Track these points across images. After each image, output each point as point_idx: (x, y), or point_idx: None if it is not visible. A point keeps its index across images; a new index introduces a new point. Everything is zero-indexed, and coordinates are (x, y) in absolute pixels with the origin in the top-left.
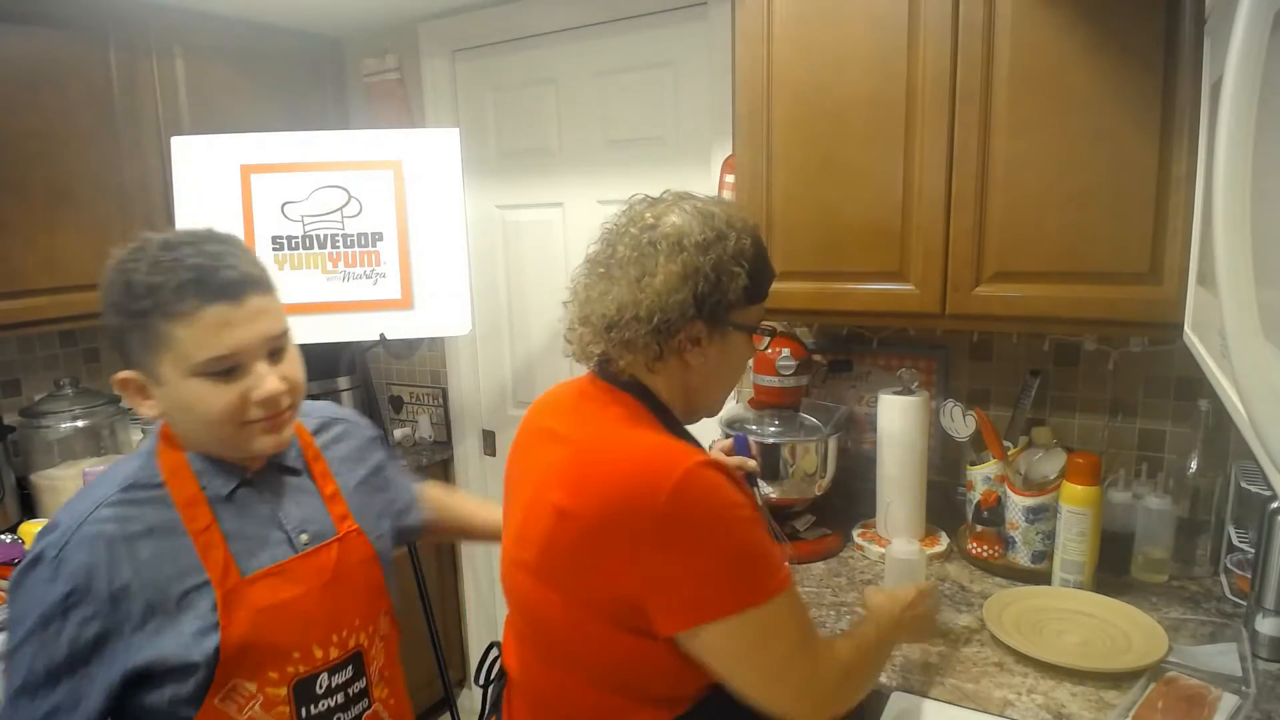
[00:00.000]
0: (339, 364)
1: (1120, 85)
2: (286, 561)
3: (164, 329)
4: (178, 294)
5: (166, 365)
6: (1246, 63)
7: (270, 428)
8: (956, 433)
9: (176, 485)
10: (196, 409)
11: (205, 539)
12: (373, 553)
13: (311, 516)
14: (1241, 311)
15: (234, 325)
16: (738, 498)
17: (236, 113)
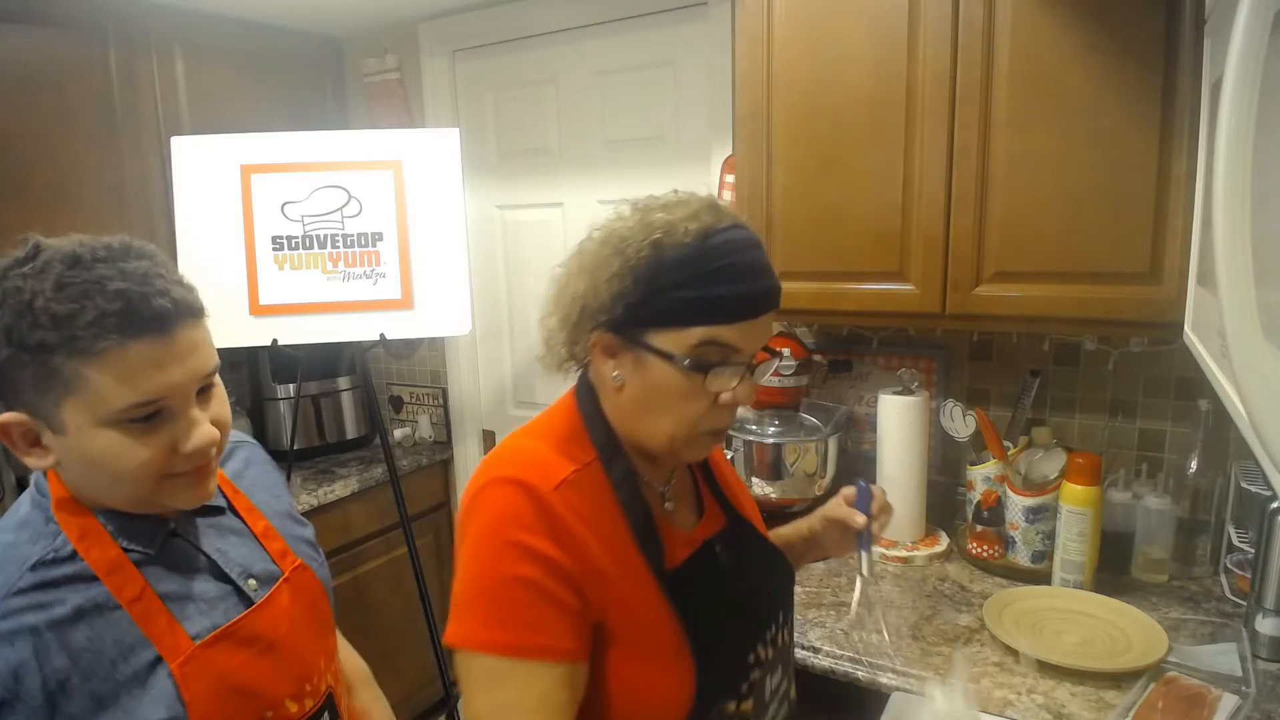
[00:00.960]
0: (339, 364)
1: (1120, 85)
2: (242, 617)
3: (71, 369)
4: (95, 328)
5: (71, 410)
6: (1246, 63)
7: (196, 480)
8: (956, 433)
9: (93, 551)
10: (109, 463)
11: (143, 608)
12: (320, 586)
13: (252, 558)
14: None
15: (162, 364)
16: (516, 533)
17: (236, 113)
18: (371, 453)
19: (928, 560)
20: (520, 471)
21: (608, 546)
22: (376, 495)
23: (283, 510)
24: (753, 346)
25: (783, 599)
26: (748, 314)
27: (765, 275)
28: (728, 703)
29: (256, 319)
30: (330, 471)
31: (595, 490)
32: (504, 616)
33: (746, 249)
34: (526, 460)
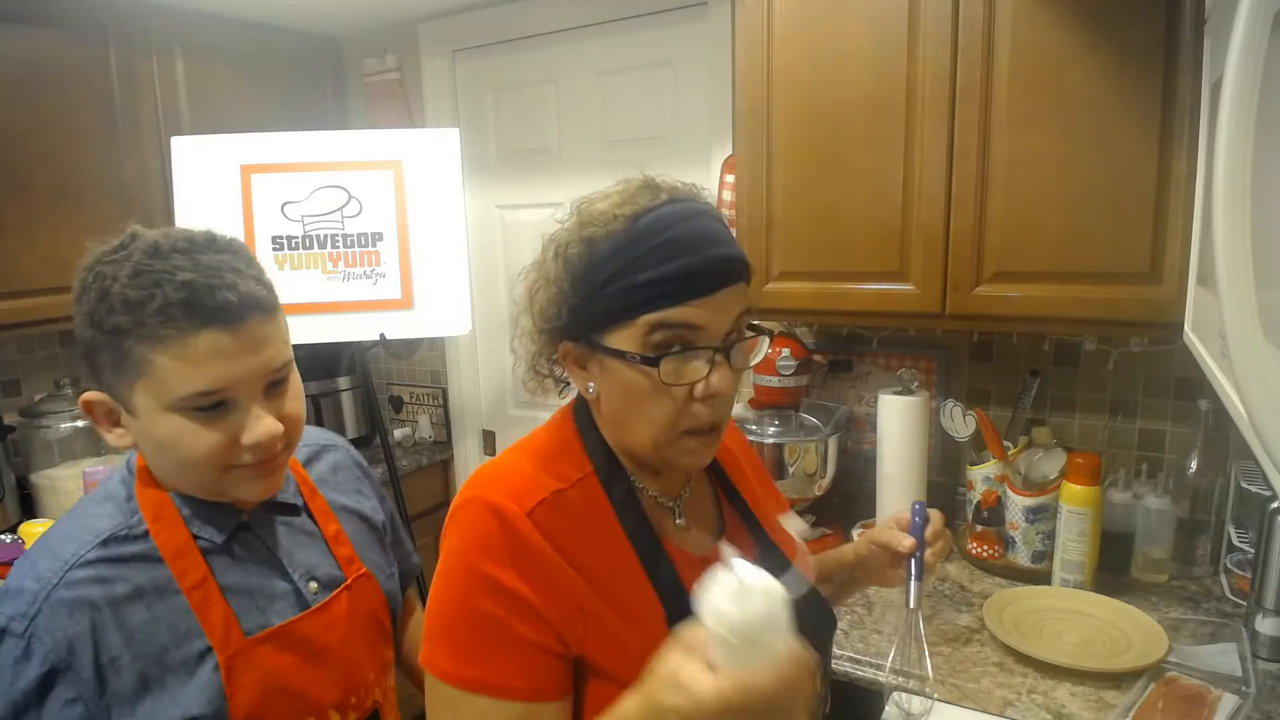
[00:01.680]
0: (339, 364)
1: (1120, 85)
2: (296, 619)
3: (141, 353)
4: (161, 315)
5: (141, 394)
6: (1246, 63)
7: (260, 473)
8: (956, 433)
9: (163, 534)
10: (173, 449)
11: (201, 596)
12: (383, 597)
13: (317, 561)
14: (1241, 311)
15: (228, 355)
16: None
17: (236, 113)
18: (371, 453)
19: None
20: (496, 493)
21: (600, 571)
22: None
23: (360, 516)
24: (716, 326)
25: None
26: (696, 290)
27: (712, 244)
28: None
29: None
30: None
31: (587, 510)
32: (461, 649)
33: (685, 220)
34: (506, 479)
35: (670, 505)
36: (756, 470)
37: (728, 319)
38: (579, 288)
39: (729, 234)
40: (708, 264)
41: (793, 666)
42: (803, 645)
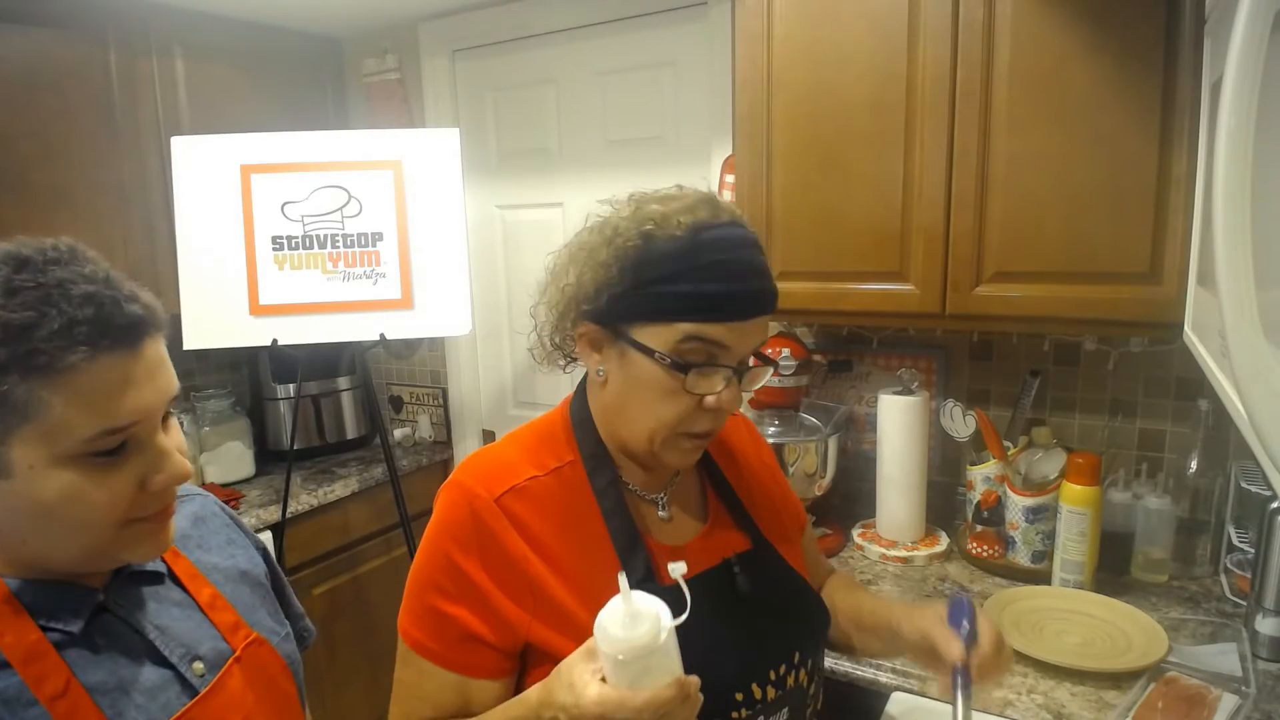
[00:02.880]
0: (339, 364)
1: (1120, 85)
2: (185, 711)
3: (25, 393)
4: (61, 340)
5: (22, 447)
6: (1246, 63)
7: (160, 524)
8: (956, 433)
9: (7, 634)
10: (65, 509)
11: (67, 707)
12: (282, 662)
13: (197, 636)
14: (1241, 311)
15: (132, 384)
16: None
17: (236, 113)
18: (371, 453)
19: (928, 560)
20: (472, 477)
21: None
22: (376, 495)
23: (239, 571)
24: (741, 349)
25: (802, 639)
26: (736, 314)
27: (758, 277)
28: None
29: (256, 319)
30: (330, 471)
31: (564, 497)
32: (417, 615)
33: (740, 247)
34: (486, 464)
35: (654, 499)
36: (771, 472)
37: (750, 346)
38: (626, 277)
39: (768, 268)
40: (751, 295)
41: (669, 695)
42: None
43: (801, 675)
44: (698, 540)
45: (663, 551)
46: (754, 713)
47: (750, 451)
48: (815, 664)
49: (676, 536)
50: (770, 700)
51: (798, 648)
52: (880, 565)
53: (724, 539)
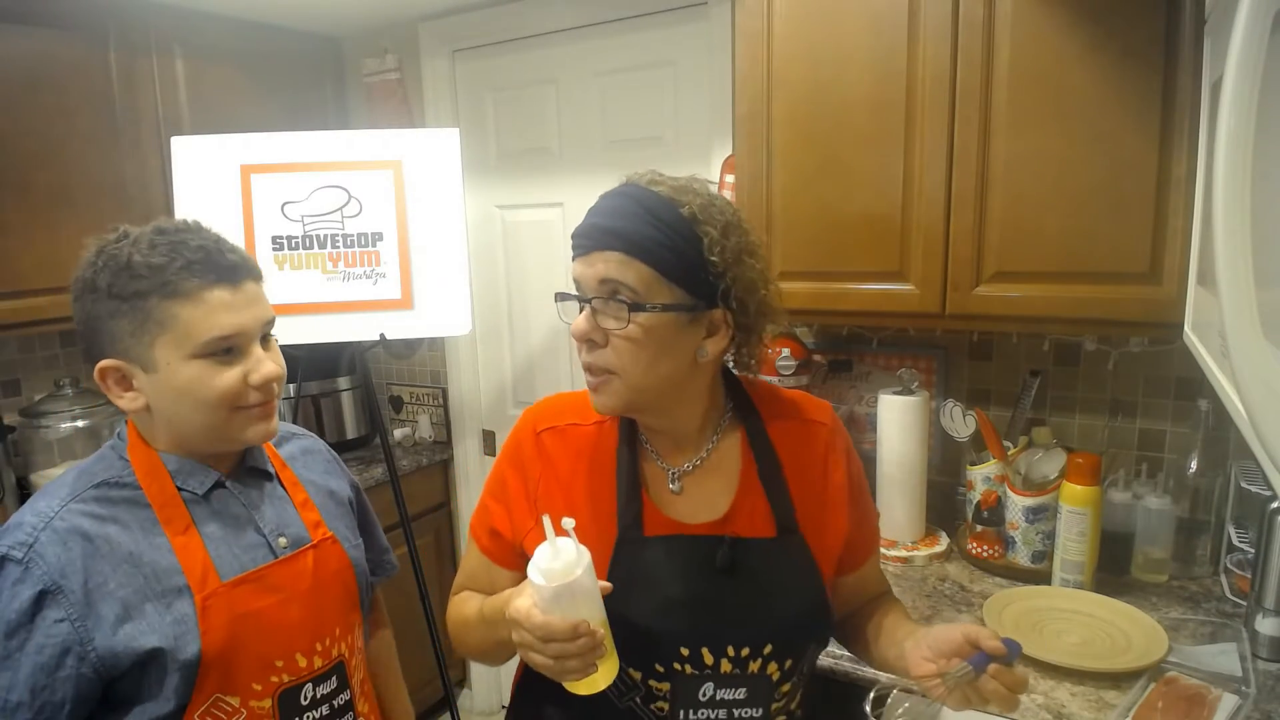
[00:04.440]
0: (339, 364)
1: (1120, 85)
2: (266, 566)
3: (164, 309)
4: (183, 273)
5: (163, 348)
6: (1246, 63)
7: (263, 414)
8: (956, 433)
9: (152, 484)
10: (195, 392)
11: (183, 540)
12: (348, 560)
13: (287, 520)
14: (1241, 311)
15: (234, 308)
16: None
17: (236, 113)
18: (371, 453)
19: (928, 560)
20: (533, 411)
21: (580, 491)
22: (376, 495)
23: (328, 492)
24: (585, 283)
25: (778, 635)
26: (576, 249)
27: (596, 215)
28: (630, 669)
29: None
30: None
31: (592, 445)
32: (477, 506)
33: (603, 198)
34: (547, 405)
35: (669, 470)
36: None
37: (590, 277)
38: None
39: (628, 209)
40: (584, 229)
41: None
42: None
43: (771, 667)
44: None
45: (654, 515)
46: (701, 674)
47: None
48: (794, 666)
49: (677, 512)
50: (725, 672)
51: (770, 640)
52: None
53: (744, 522)
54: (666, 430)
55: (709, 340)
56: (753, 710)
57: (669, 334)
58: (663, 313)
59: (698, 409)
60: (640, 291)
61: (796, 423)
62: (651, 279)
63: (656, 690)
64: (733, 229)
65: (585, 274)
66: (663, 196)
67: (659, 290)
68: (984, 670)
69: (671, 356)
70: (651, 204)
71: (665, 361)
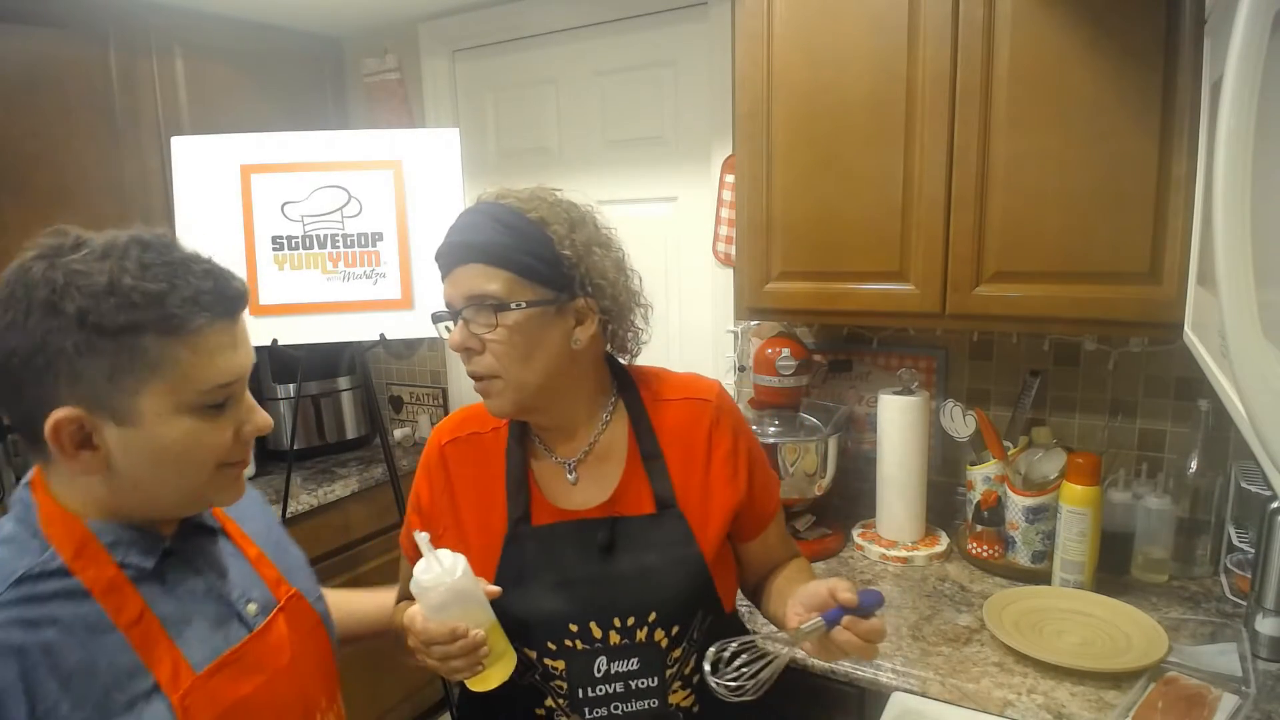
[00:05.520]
0: (339, 364)
1: (1120, 85)
2: (242, 644)
3: (162, 348)
4: (189, 306)
5: (152, 396)
6: (1246, 63)
7: (240, 473)
8: (956, 433)
9: (89, 568)
10: (187, 452)
11: (141, 632)
12: (318, 618)
13: (249, 583)
14: (1241, 311)
15: (235, 348)
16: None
17: (236, 113)
18: (371, 453)
19: (928, 560)
20: (443, 423)
21: (477, 495)
22: (376, 495)
23: (275, 539)
24: (453, 295)
25: (663, 603)
26: (441, 268)
27: (453, 233)
28: (524, 648)
29: (256, 319)
30: (330, 471)
31: (485, 452)
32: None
33: (458, 216)
34: (455, 418)
35: (563, 464)
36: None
37: (458, 291)
38: None
39: (481, 223)
40: (445, 248)
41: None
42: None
43: (658, 634)
44: (601, 500)
45: (544, 507)
46: (592, 648)
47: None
48: (681, 633)
49: (571, 500)
50: (615, 645)
51: (655, 609)
52: (880, 565)
53: (629, 501)
54: (557, 425)
55: (579, 328)
56: (648, 680)
57: (537, 328)
58: (527, 309)
59: (582, 397)
60: (503, 295)
61: (679, 402)
62: (512, 282)
63: (553, 669)
64: (579, 225)
65: (452, 291)
66: (510, 207)
67: (520, 290)
68: (837, 623)
69: (545, 348)
70: (501, 215)
71: (540, 354)
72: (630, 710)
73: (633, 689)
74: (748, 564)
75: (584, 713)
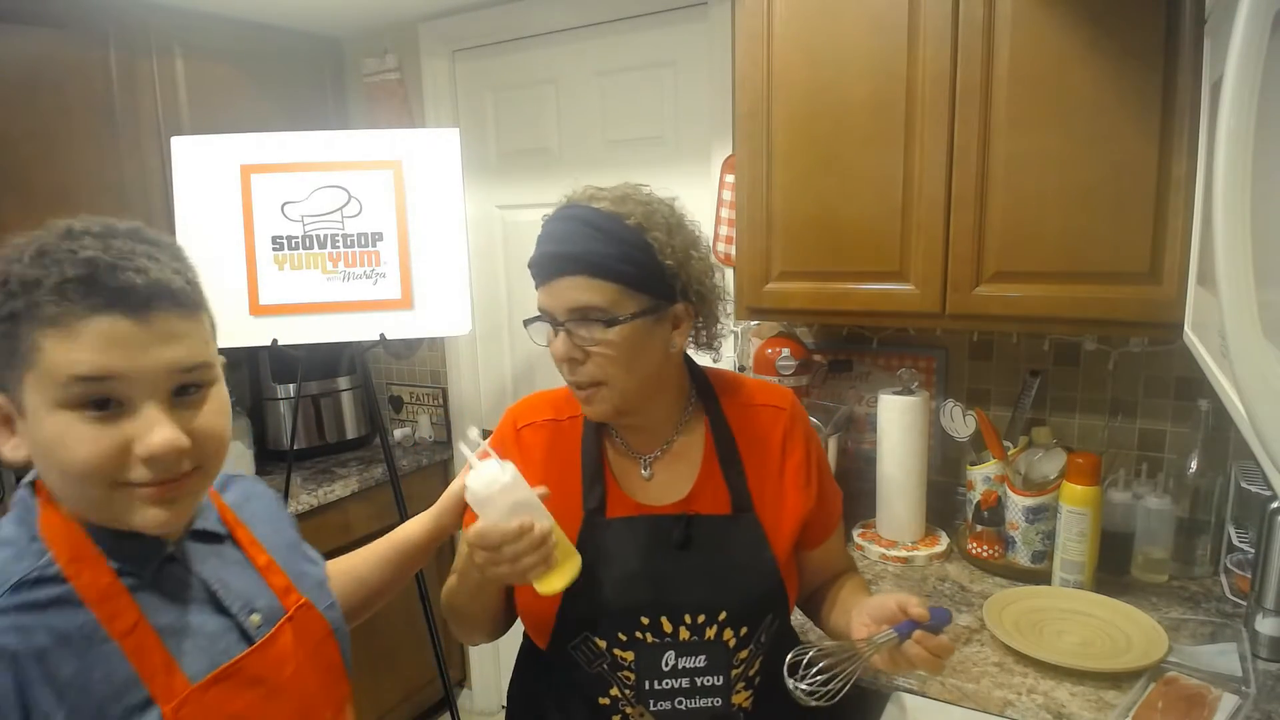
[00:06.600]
0: (339, 364)
1: (1120, 85)
2: (242, 656)
3: (30, 338)
4: (55, 294)
5: (30, 389)
6: (1246, 63)
7: (158, 497)
8: (956, 433)
9: (83, 574)
10: (55, 454)
11: (136, 642)
12: (329, 628)
13: (254, 591)
14: (1241, 311)
15: (125, 344)
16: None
17: (236, 113)
18: (371, 453)
19: (928, 560)
20: (515, 409)
21: (552, 481)
22: (376, 495)
23: (287, 544)
24: (555, 306)
25: (734, 603)
26: (539, 277)
27: (551, 242)
28: (595, 637)
29: (256, 319)
30: (330, 471)
31: (562, 439)
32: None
33: (551, 223)
34: (529, 403)
35: (640, 459)
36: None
37: (560, 302)
38: None
39: (581, 233)
40: (543, 258)
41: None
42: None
43: (726, 634)
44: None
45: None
46: (662, 642)
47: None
48: (750, 634)
49: (647, 495)
50: (683, 640)
51: (724, 608)
52: (880, 565)
53: (704, 501)
54: (642, 425)
55: (675, 332)
56: (713, 679)
57: (641, 337)
58: (632, 320)
59: (668, 397)
60: (608, 308)
61: (755, 408)
62: (616, 293)
63: (622, 659)
64: (676, 229)
65: (553, 301)
66: (607, 213)
67: (624, 302)
68: (908, 636)
69: (646, 355)
70: (599, 222)
71: (641, 361)
72: (693, 707)
73: (698, 686)
74: (807, 571)
75: (648, 704)
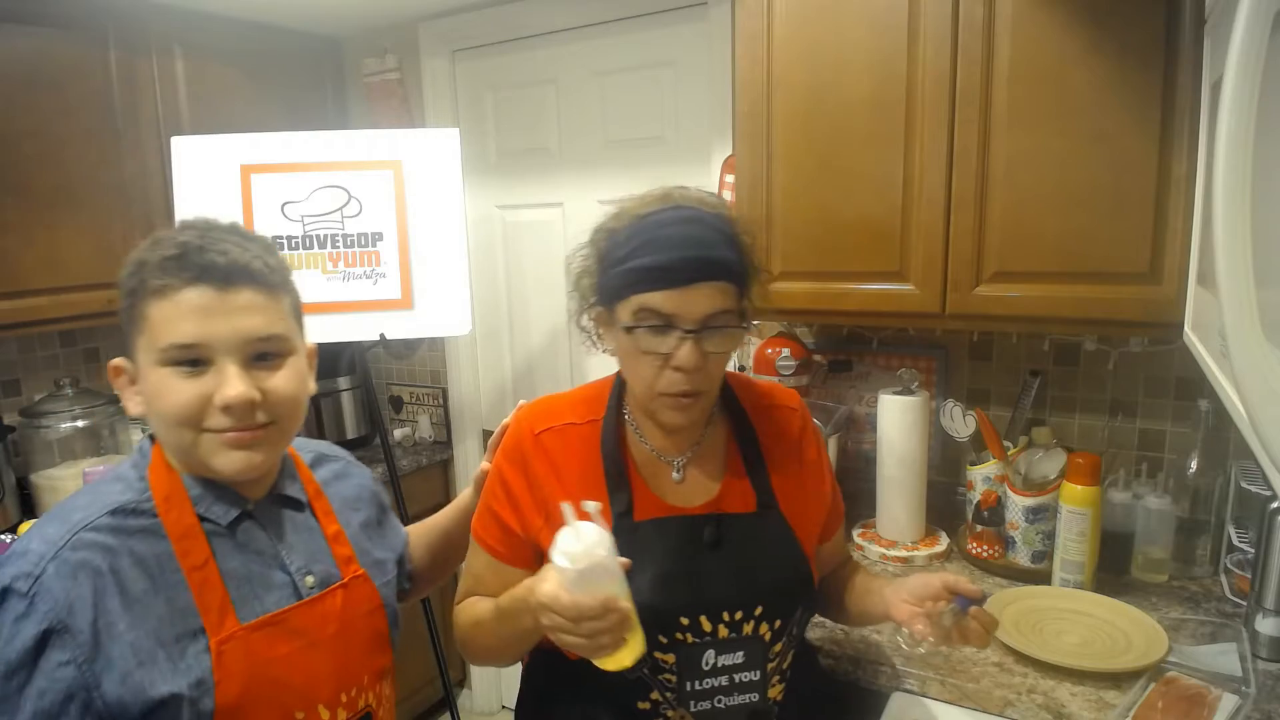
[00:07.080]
0: (339, 364)
1: (1120, 85)
2: (290, 608)
3: (140, 308)
4: (158, 270)
5: (141, 350)
6: (1246, 63)
7: (235, 443)
8: (956, 433)
9: (172, 513)
10: (157, 402)
11: (201, 578)
12: (379, 601)
13: (316, 557)
14: (1241, 311)
15: (210, 314)
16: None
17: (236, 113)
18: (371, 453)
19: (928, 560)
20: (529, 415)
21: (576, 488)
22: None
23: (361, 522)
24: (689, 313)
25: (768, 598)
26: (669, 282)
27: (693, 247)
28: None
29: None
30: None
31: (583, 443)
32: (479, 513)
33: (675, 224)
34: (542, 407)
35: (670, 461)
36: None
37: (698, 308)
38: (599, 266)
39: (714, 238)
40: (681, 262)
41: (591, 605)
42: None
43: (763, 628)
44: (706, 498)
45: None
46: (702, 642)
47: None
48: (784, 626)
49: (679, 498)
50: (722, 638)
51: (761, 603)
52: (880, 565)
53: (732, 500)
54: (685, 427)
55: None
56: (751, 674)
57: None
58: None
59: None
60: (736, 313)
61: (773, 409)
62: (739, 298)
63: (662, 662)
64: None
65: (685, 308)
66: (726, 217)
67: (743, 309)
68: (967, 611)
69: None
70: (723, 226)
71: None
72: (732, 703)
73: (736, 682)
74: (819, 564)
75: (689, 705)
